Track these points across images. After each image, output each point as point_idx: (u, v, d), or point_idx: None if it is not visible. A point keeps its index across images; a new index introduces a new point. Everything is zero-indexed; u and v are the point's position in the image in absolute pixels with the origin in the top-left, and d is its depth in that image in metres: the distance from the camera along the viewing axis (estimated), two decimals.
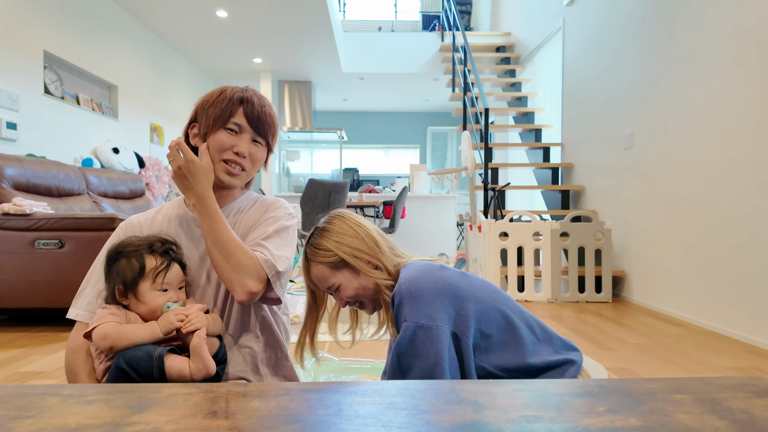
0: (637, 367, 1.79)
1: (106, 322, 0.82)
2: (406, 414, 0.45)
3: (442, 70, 6.65)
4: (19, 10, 3.26)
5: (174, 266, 0.89)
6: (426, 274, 0.87)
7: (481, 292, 0.89)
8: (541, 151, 4.40)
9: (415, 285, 0.85)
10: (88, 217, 2.31)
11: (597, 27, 3.58)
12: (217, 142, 0.93)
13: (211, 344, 0.86)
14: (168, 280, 0.87)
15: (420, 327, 0.81)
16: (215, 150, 0.93)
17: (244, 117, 0.94)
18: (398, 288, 0.86)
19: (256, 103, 0.95)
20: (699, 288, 2.47)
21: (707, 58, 2.43)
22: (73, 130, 3.80)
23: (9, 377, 1.66)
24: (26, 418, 0.44)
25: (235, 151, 0.93)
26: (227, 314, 0.97)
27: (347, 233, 0.96)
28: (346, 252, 0.94)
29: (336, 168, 8.17)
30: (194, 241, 0.98)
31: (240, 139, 0.94)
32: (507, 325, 0.87)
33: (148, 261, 0.86)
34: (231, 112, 0.93)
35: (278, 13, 4.69)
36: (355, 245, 0.95)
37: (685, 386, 0.53)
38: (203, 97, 0.97)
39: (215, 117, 0.93)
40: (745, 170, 2.19)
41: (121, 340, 0.80)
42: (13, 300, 2.27)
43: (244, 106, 0.94)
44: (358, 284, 0.95)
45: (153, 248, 0.88)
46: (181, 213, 1.01)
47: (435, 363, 0.80)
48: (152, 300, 0.86)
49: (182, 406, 0.47)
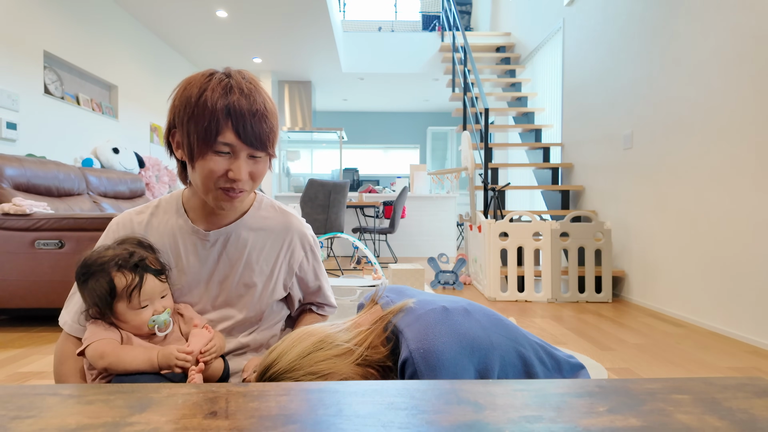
0: (637, 367, 1.79)
1: (102, 340, 0.78)
2: (406, 414, 0.45)
3: (442, 70, 6.66)
4: (19, 10, 3.26)
5: (148, 279, 0.79)
6: (438, 328, 0.73)
7: (494, 335, 0.78)
8: (541, 151, 4.40)
9: (431, 348, 0.71)
10: (88, 217, 2.31)
11: (597, 27, 3.58)
12: (207, 171, 0.76)
13: (215, 368, 0.84)
14: (145, 296, 0.79)
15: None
16: (206, 179, 0.77)
17: (235, 134, 0.74)
18: (410, 354, 0.71)
19: (246, 109, 0.74)
20: (699, 288, 2.47)
21: (707, 58, 2.43)
22: (73, 130, 3.80)
23: (9, 377, 1.66)
24: (26, 418, 0.44)
25: (231, 177, 0.77)
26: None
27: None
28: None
29: (336, 168, 8.17)
30: (200, 259, 0.88)
31: (234, 161, 0.76)
32: (524, 367, 0.80)
33: (117, 280, 0.78)
34: (217, 130, 0.74)
35: (278, 13, 4.69)
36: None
37: (685, 386, 0.53)
38: (179, 96, 0.78)
39: (199, 137, 0.74)
40: (745, 170, 2.19)
41: (119, 364, 0.76)
42: (13, 300, 2.27)
43: (233, 121, 0.74)
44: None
45: (120, 264, 0.78)
46: (181, 224, 0.89)
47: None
48: (133, 319, 0.79)
49: (182, 406, 0.47)
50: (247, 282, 0.91)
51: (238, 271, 0.90)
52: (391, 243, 5.91)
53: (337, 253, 5.82)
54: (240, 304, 0.91)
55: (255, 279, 0.91)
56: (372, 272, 2.93)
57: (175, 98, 0.79)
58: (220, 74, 0.78)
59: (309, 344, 0.73)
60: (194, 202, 0.89)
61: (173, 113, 0.79)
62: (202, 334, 0.83)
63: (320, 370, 0.71)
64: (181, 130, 0.77)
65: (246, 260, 0.90)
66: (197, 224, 0.89)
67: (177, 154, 0.81)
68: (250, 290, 0.91)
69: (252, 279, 0.91)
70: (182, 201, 0.91)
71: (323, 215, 4.23)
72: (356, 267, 4.36)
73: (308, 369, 0.71)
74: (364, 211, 5.72)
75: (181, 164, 0.84)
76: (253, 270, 0.91)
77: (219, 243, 0.89)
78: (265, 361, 0.73)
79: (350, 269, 4.55)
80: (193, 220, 0.89)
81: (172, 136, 0.81)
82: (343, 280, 2.71)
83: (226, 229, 0.89)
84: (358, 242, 3.00)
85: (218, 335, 0.87)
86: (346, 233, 3.79)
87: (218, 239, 0.89)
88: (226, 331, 0.92)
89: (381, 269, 2.84)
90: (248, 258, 0.90)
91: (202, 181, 0.78)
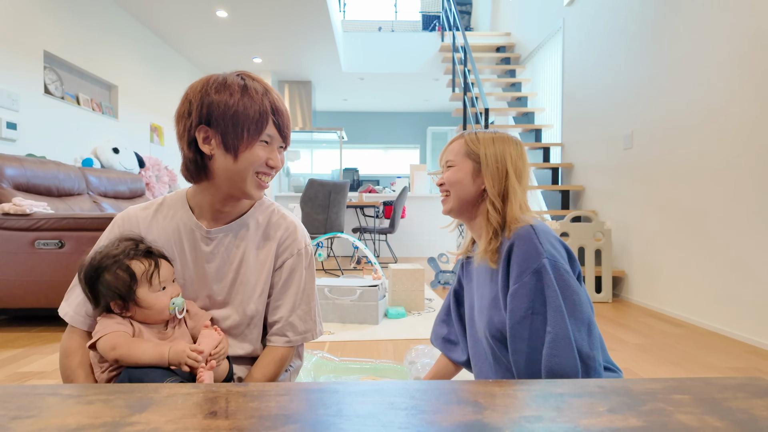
0: (637, 367, 1.79)
1: (114, 332, 0.80)
2: (406, 414, 0.45)
3: (442, 70, 6.65)
4: (19, 10, 3.26)
5: (162, 263, 0.85)
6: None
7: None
8: (541, 151, 4.40)
9: (545, 226, 0.89)
10: (88, 217, 2.31)
11: (597, 27, 3.58)
12: (254, 158, 0.85)
13: (221, 369, 0.85)
14: (163, 277, 0.84)
15: (557, 262, 0.84)
16: (251, 165, 0.85)
17: (275, 128, 0.87)
18: (526, 226, 0.88)
19: (284, 111, 0.88)
20: (699, 288, 2.47)
21: (707, 58, 2.43)
22: (73, 130, 3.80)
23: (9, 377, 1.66)
24: (26, 418, 0.44)
25: (270, 164, 0.87)
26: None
27: (509, 154, 0.96)
28: (491, 159, 0.95)
29: (336, 168, 8.17)
30: (202, 256, 0.91)
31: (272, 150, 0.88)
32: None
33: (136, 267, 0.82)
34: (266, 122, 0.85)
35: (278, 13, 4.69)
36: (503, 167, 0.95)
37: (685, 386, 0.52)
38: (212, 92, 0.83)
39: (249, 130, 0.83)
40: (745, 170, 2.19)
41: (130, 356, 0.78)
42: (13, 300, 2.27)
43: (275, 117, 0.86)
44: (465, 180, 0.97)
45: (132, 254, 0.83)
46: (186, 220, 0.92)
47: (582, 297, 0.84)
48: (156, 302, 0.83)
49: (182, 406, 0.47)
50: (245, 281, 0.92)
51: (236, 270, 0.92)
52: (391, 243, 5.91)
53: (337, 253, 5.82)
54: (236, 303, 0.92)
55: (252, 278, 0.92)
56: (372, 272, 2.93)
57: (208, 96, 0.83)
58: (246, 76, 0.87)
59: None
60: (199, 199, 0.91)
61: (206, 110, 0.83)
62: (212, 335, 0.85)
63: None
64: (223, 125, 0.82)
65: (244, 259, 0.92)
66: (200, 221, 0.91)
67: (204, 149, 0.84)
68: (247, 289, 0.92)
69: (249, 278, 0.92)
70: (186, 198, 0.94)
71: (323, 215, 4.23)
72: (356, 267, 4.36)
73: None
74: (364, 211, 5.72)
75: (200, 158, 0.86)
76: (251, 269, 0.92)
77: (220, 240, 0.91)
78: None
79: (350, 269, 4.55)
80: (197, 217, 0.92)
81: (198, 132, 0.84)
82: (343, 280, 2.70)
83: (227, 227, 0.92)
84: (358, 242, 3.00)
85: (225, 338, 0.88)
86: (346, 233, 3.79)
87: (219, 236, 0.91)
88: (224, 331, 0.92)
89: (381, 269, 2.84)
90: (246, 257, 0.92)
91: (246, 168, 0.85)
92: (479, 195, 0.97)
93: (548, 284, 0.82)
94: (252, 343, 0.94)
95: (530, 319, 0.82)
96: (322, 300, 2.48)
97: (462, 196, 0.98)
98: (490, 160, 0.95)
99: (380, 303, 2.51)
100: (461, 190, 0.98)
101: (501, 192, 0.94)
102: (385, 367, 1.69)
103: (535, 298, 0.82)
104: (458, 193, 0.98)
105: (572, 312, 0.82)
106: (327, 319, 2.49)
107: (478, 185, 0.97)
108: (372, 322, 2.44)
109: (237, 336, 0.93)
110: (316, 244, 3.37)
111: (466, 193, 0.98)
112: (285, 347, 0.94)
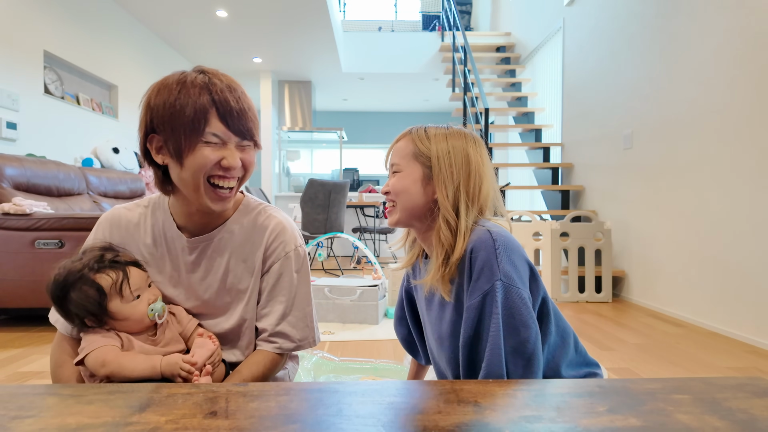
0: (637, 367, 1.79)
1: (102, 347, 0.75)
2: (406, 414, 0.45)
3: (442, 70, 6.65)
4: (19, 10, 3.26)
5: (131, 270, 0.79)
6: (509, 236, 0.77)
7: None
8: (541, 151, 4.40)
9: (506, 237, 0.74)
10: (88, 217, 2.31)
11: (597, 27, 3.58)
12: (199, 162, 0.74)
13: (218, 374, 0.83)
14: (135, 286, 0.79)
15: (512, 287, 0.71)
16: (198, 171, 0.74)
17: (222, 123, 0.74)
18: (484, 234, 0.74)
19: (230, 99, 0.75)
20: (699, 288, 2.47)
21: (707, 58, 2.43)
22: (73, 130, 3.80)
23: (9, 377, 1.66)
24: (26, 418, 0.44)
25: (224, 165, 0.75)
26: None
27: (461, 153, 0.81)
28: (443, 161, 0.79)
29: (336, 168, 8.16)
30: (183, 265, 0.86)
31: (226, 150, 0.76)
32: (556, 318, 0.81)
33: (102, 280, 0.76)
34: (205, 121, 0.73)
35: (278, 13, 4.69)
36: (457, 169, 0.80)
37: (685, 386, 0.53)
38: (154, 97, 0.75)
39: (186, 131, 0.73)
40: (745, 170, 2.19)
41: (122, 371, 0.74)
42: (13, 300, 2.27)
43: (219, 111, 0.74)
44: (413, 189, 0.81)
45: (97, 266, 0.77)
46: (167, 227, 0.86)
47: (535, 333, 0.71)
48: (133, 312, 0.78)
49: (182, 406, 0.47)
50: (231, 289, 0.87)
51: (222, 279, 0.87)
52: (391, 243, 5.90)
53: (337, 253, 5.82)
54: (224, 311, 0.88)
55: (239, 285, 0.87)
56: (372, 272, 2.93)
57: (149, 101, 0.76)
58: (194, 72, 0.77)
59: None
60: (176, 210, 0.86)
61: (150, 117, 0.76)
62: (206, 344, 0.82)
63: None
64: (164, 130, 0.75)
65: (229, 267, 0.87)
66: (182, 230, 0.87)
67: (158, 159, 0.77)
68: (235, 297, 0.88)
69: (235, 286, 0.87)
70: (168, 206, 0.88)
71: (323, 215, 4.23)
72: (356, 267, 4.36)
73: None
74: (364, 211, 5.72)
75: (161, 172, 0.80)
76: (238, 276, 0.87)
77: (202, 250, 0.87)
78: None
79: (350, 269, 4.55)
80: (178, 225, 0.87)
81: (149, 142, 0.78)
82: (343, 280, 2.71)
83: (208, 236, 0.86)
84: (358, 242, 3.00)
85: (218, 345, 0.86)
86: (346, 233, 3.79)
87: (201, 246, 0.86)
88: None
89: (381, 269, 2.84)
90: (231, 265, 0.87)
91: (193, 176, 0.75)
92: (431, 205, 0.82)
93: (493, 312, 0.71)
94: (242, 351, 0.90)
95: (469, 346, 0.74)
96: (323, 300, 2.48)
97: (409, 208, 0.82)
98: (443, 164, 0.79)
99: (380, 303, 2.52)
100: (408, 200, 0.82)
101: (455, 204, 0.78)
102: (385, 367, 1.69)
103: (478, 326, 0.73)
104: (405, 204, 0.82)
105: (513, 344, 0.71)
106: (327, 319, 2.49)
107: (428, 194, 0.81)
108: (372, 322, 2.44)
109: (227, 344, 0.89)
110: (316, 244, 3.37)
111: (414, 204, 0.82)
112: (274, 353, 0.87)
